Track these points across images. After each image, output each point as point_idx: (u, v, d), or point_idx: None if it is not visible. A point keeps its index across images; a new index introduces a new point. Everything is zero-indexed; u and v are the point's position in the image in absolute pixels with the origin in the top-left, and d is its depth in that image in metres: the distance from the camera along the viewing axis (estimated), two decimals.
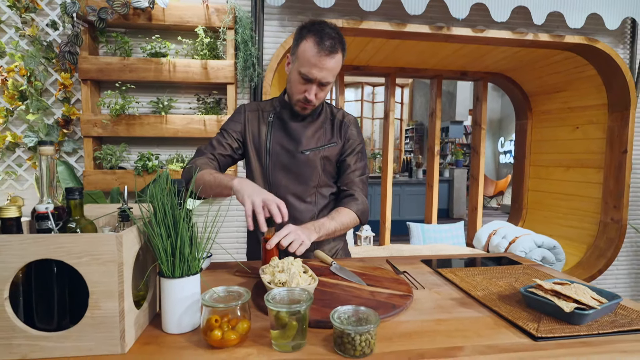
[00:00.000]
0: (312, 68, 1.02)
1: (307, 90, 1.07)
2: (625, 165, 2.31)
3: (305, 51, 1.02)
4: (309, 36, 1.02)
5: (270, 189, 1.16)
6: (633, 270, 2.51)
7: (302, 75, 1.04)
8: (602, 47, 2.23)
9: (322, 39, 1.00)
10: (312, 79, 1.04)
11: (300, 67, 1.04)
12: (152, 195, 0.69)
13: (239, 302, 0.64)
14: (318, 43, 1.00)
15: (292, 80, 1.10)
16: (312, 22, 1.05)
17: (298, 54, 1.05)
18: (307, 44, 1.02)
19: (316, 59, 1.01)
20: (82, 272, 0.60)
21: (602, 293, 0.79)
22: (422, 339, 0.67)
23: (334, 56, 1.02)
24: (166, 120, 1.93)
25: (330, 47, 1.00)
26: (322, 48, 1.00)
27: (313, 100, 1.07)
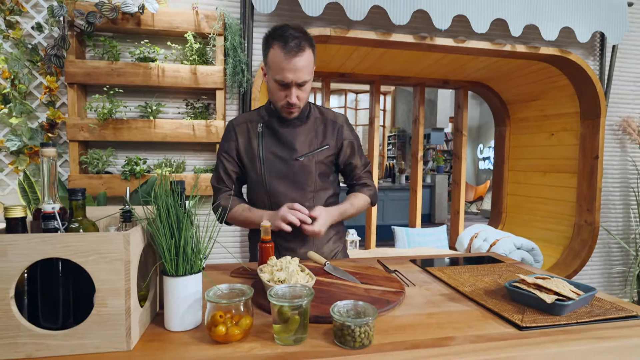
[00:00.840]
0: (284, 72, 1.05)
1: (287, 95, 1.10)
2: (597, 171, 2.44)
3: (274, 58, 1.05)
4: (274, 43, 1.06)
5: (270, 197, 1.21)
6: (605, 270, 2.64)
7: (278, 82, 1.08)
8: (574, 58, 2.36)
9: (287, 41, 1.03)
10: (287, 83, 1.07)
11: (274, 74, 1.07)
12: (157, 196, 0.71)
13: (242, 299, 0.66)
14: (283, 47, 1.03)
15: (271, 89, 1.13)
16: (275, 28, 1.08)
17: (269, 63, 1.09)
18: (274, 51, 1.06)
19: (285, 62, 1.03)
20: (89, 271, 0.61)
21: (579, 286, 0.85)
22: (416, 331, 0.71)
23: (302, 54, 1.04)
24: (154, 124, 1.93)
25: (296, 46, 1.03)
26: (288, 50, 1.03)
27: (296, 102, 1.10)
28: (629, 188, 2.60)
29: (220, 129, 1.99)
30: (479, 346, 0.65)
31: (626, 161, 2.59)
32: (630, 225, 2.63)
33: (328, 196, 1.25)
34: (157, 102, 1.98)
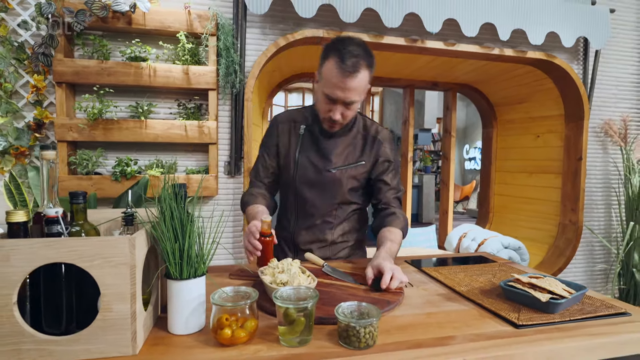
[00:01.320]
0: (334, 89, 1.01)
1: (332, 110, 1.06)
2: (581, 171, 2.51)
3: (328, 72, 1.01)
4: (332, 56, 1.01)
5: (296, 199, 1.22)
6: (588, 268, 2.72)
7: (326, 96, 1.04)
8: (560, 62, 2.43)
9: (344, 58, 0.98)
10: (335, 100, 1.03)
11: (324, 87, 1.04)
12: (160, 199, 0.71)
13: (248, 302, 0.67)
14: (339, 63, 0.99)
15: (318, 99, 1.11)
16: (336, 40, 1.04)
17: (322, 74, 1.05)
18: (329, 64, 1.01)
19: (338, 79, 0.99)
20: (94, 275, 0.61)
21: (571, 285, 0.88)
22: (417, 331, 0.73)
23: (356, 75, 1.00)
24: (146, 125, 1.90)
25: (352, 66, 0.99)
26: (344, 68, 0.98)
27: (339, 119, 1.07)
28: (611, 188, 2.69)
29: (213, 130, 1.98)
30: (478, 344, 0.67)
31: (608, 162, 2.67)
32: (612, 225, 2.72)
33: (352, 210, 1.24)
34: (148, 102, 1.96)
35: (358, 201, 1.25)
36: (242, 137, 2.05)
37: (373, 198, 1.24)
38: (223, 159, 2.07)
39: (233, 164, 2.07)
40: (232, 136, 2.06)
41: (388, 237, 1.09)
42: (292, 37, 2.03)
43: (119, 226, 0.79)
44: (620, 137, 2.53)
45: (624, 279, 2.51)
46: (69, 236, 0.67)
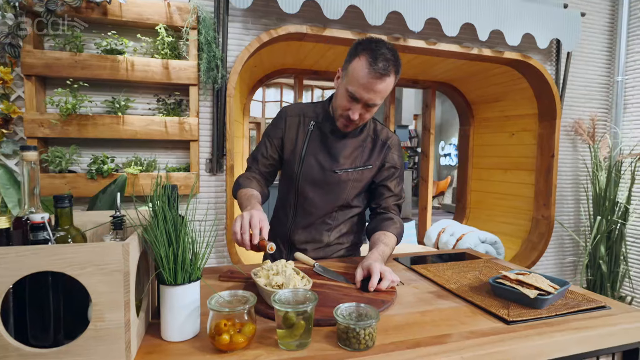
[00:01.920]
0: (360, 88, 0.99)
1: (351, 109, 1.04)
2: (553, 168, 2.62)
3: (356, 70, 0.98)
4: (363, 54, 0.98)
5: (298, 198, 1.19)
6: (559, 261, 2.86)
7: (349, 93, 1.01)
8: (534, 63, 2.51)
9: (376, 59, 0.96)
10: (358, 99, 1.01)
11: (349, 84, 1.01)
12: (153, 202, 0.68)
13: (246, 306, 0.65)
14: (371, 64, 0.96)
15: (338, 95, 1.07)
16: (370, 40, 1.02)
17: (349, 71, 1.01)
18: (359, 62, 0.98)
19: (366, 79, 0.97)
20: (85, 283, 0.58)
21: (554, 280, 0.91)
22: (414, 330, 0.74)
23: (385, 79, 0.98)
24: (123, 121, 1.83)
25: (383, 69, 0.97)
26: (375, 69, 0.96)
27: (356, 119, 1.05)
28: (580, 184, 2.82)
29: (194, 127, 1.93)
30: (474, 342, 0.69)
31: (577, 160, 2.80)
32: (581, 219, 2.85)
33: (353, 214, 1.23)
34: (125, 97, 1.88)
35: (359, 205, 1.24)
36: (224, 134, 2.01)
37: (373, 202, 1.23)
38: (204, 156, 2.03)
39: (215, 161, 2.02)
40: (213, 133, 2.01)
41: (382, 240, 1.09)
42: (276, 32, 2.00)
43: (106, 230, 0.76)
44: (588, 136, 2.66)
45: (591, 270, 2.65)
46: (56, 242, 0.63)
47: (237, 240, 0.91)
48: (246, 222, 0.91)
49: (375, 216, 1.22)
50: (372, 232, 1.17)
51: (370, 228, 1.20)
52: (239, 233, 0.90)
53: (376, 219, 1.20)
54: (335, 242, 1.22)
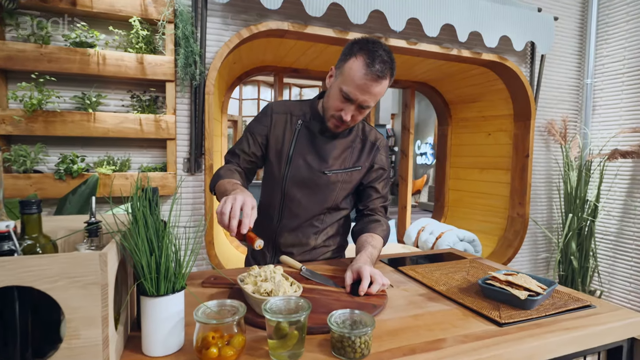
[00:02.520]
0: (356, 89, 0.96)
1: (343, 110, 1.01)
2: (527, 168, 2.69)
3: (353, 70, 0.96)
4: (360, 55, 0.96)
5: (284, 199, 1.14)
6: (532, 257, 2.95)
7: (342, 93, 0.98)
8: (510, 65, 2.57)
9: (374, 61, 0.94)
10: (352, 100, 0.98)
11: (344, 84, 0.98)
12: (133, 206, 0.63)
13: (236, 317, 0.62)
14: (368, 65, 0.94)
15: (331, 95, 1.04)
16: (366, 40, 0.99)
17: (344, 70, 0.98)
18: (356, 62, 0.96)
19: (362, 80, 0.95)
20: (57, 298, 0.52)
21: (541, 280, 0.92)
22: (408, 335, 0.72)
23: (382, 82, 0.96)
24: (94, 118, 1.73)
25: (380, 71, 0.94)
26: (372, 71, 0.94)
27: (348, 121, 1.02)
28: (552, 183, 2.92)
29: (171, 125, 1.85)
30: (469, 346, 0.68)
31: (550, 159, 2.89)
32: (553, 216, 2.95)
33: (340, 217, 1.20)
34: (97, 92, 1.78)
35: (347, 207, 1.21)
36: (203, 133, 1.94)
37: (360, 203, 1.21)
38: (182, 155, 1.95)
39: (193, 160, 1.95)
40: (191, 131, 1.94)
41: (370, 242, 1.07)
42: (256, 28, 1.95)
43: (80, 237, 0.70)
44: (560, 136, 2.75)
45: (563, 266, 2.75)
46: (24, 253, 0.57)
47: (224, 223, 0.83)
48: (237, 206, 0.83)
49: (361, 218, 1.20)
50: (359, 234, 1.15)
51: (357, 230, 1.18)
52: (227, 216, 0.83)
53: (363, 221, 1.18)
54: (322, 244, 1.19)
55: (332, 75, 1.06)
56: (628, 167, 2.69)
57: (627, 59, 2.67)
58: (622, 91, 2.72)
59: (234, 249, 2.63)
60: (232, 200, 0.84)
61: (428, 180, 9.23)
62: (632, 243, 2.66)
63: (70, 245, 0.71)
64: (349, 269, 0.95)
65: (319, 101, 1.15)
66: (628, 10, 2.65)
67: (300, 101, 1.19)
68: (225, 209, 0.83)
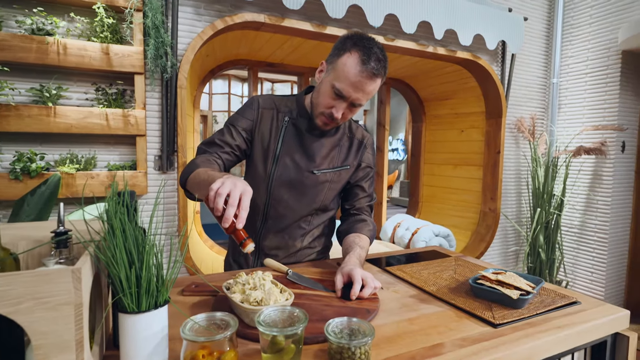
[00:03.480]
0: (349, 86, 0.93)
1: (335, 107, 0.97)
2: (499, 164, 2.77)
3: (347, 66, 0.92)
4: (355, 51, 0.93)
5: (270, 198, 1.07)
6: (503, 250, 3.05)
7: (335, 90, 0.95)
8: (483, 63, 2.62)
9: (369, 58, 0.91)
10: (345, 97, 0.95)
11: (336, 80, 0.94)
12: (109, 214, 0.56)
13: (227, 333, 0.57)
14: (363, 62, 0.91)
15: (321, 91, 0.99)
16: (361, 36, 0.95)
17: (337, 66, 0.95)
18: (350, 58, 0.92)
19: (357, 77, 0.92)
20: (22, 323, 0.45)
21: (528, 278, 0.93)
22: (405, 341, 0.70)
23: (376, 80, 0.94)
24: (55, 112, 1.59)
25: (375, 69, 0.92)
26: (367, 68, 0.91)
27: (339, 118, 0.99)
28: (521, 178, 3.02)
29: (141, 120, 1.74)
30: (469, 350, 0.67)
31: (519, 155, 2.99)
32: (522, 210, 3.06)
33: (326, 219, 1.16)
34: (57, 85, 1.64)
35: (334, 207, 1.18)
36: (175, 129, 1.84)
37: (346, 203, 1.18)
38: (153, 152, 1.84)
39: (165, 158, 1.85)
40: (163, 127, 1.83)
41: (357, 243, 1.04)
42: (232, 20, 1.87)
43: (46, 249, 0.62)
44: (529, 133, 2.84)
45: (532, 258, 2.86)
46: None
47: (217, 211, 0.71)
48: (237, 194, 0.71)
49: (347, 217, 1.17)
50: (345, 234, 1.12)
51: (343, 230, 1.15)
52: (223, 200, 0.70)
53: (349, 221, 1.15)
54: (307, 246, 1.15)
55: (322, 70, 1.02)
56: (590, 163, 2.83)
57: (590, 59, 2.80)
58: (585, 90, 2.85)
59: (207, 249, 2.54)
60: (231, 184, 0.72)
61: (399, 175, 9.38)
62: (594, 235, 2.81)
63: (35, 259, 0.63)
64: (339, 272, 0.92)
65: (306, 97, 1.10)
66: (591, 13, 2.77)
67: (285, 96, 1.14)
68: (223, 190, 0.71)
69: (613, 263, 2.79)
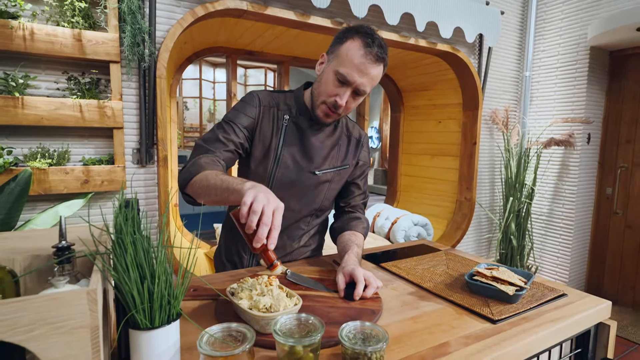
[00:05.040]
0: (354, 70, 0.92)
1: (339, 94, 0.95)
2: (475, 155, 2.86)
3: (351, 50, 0.92)
4: (357, 37, 0.93)
5: None
6: (477, 238, 3.18)
7: (338, 76, 0.94)
8: (462, 56, 2.67)
9: (373, 42, 0.92)
10: (350, 82, 0.94)
11: (340, 66, 0.93)
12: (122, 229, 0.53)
13: (247, 346, 0.56)
14: (367, 45, 0.92)
15: (323, 80, 0.98)
16: (361, 25, 0.96)
17: (340, 53, 0.94)
18: (353, 43, 0.93)
19: (361, 60, 0.92)
20: (35, 350, 0.43)
21: (518, 273, 0.97)
22: (413, 341, 0.71)
23: (379, 65, 0.94)
24: (23, 103, 1.48)
25: (378, 54, 0.93)
26: (371, 51, 0.92)
27: (342, 106, 0.97)
28: (495, 168, 3.14)
29: (118, 112, 1.65)
30: (474, 348, 0.69)
31: (493, 146, 3.10)
32: (495, 199, 3.19)
33: (322, 220, 1.15)
34: (23, 73, 1.52)
35: (329, 209, 1.18)
36: (155, 121, 1.76)
37: (341, 200, 1.18)
38: (131, 145, 1.76)
39: (144, 151, 1.77)
40: (141, 119, 1.75)
41: (354, 242, 1.05)
42: (213, 7, 1.79)
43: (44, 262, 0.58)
44: (503, 125, 2.95)
45: (504, 245, 3.00)
46: None
47: (250, 229, 0.68)
48: (270, 213, 0.68)
49: (342, 215, 1.17)
50: (340, 232, 1.13)
51: (337, 227, 1.15)
52: (255, 222, 0.67)
53: (343, 218, 1.16)
54: (304, 245, 1.15)
55: (323, 62, 1.01)
56: (559, 154, 2.97)
57: (560, 54, 2.91)
58: (555, 84, 2.97)
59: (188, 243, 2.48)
60: (264, 199, 0.69)
61: (373, 163, 9.50)
62: (560, 222, 2.97)
63: (37, 277, 0.58)
64: (340, 271, 0.92)
65: (305, 92, 1.08)
66: (563, 9, 2.87)
67: (282, 92, 1.11)
68: (257, 207, 0.67)
69: (577, 248, 2.98)
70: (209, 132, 1.02)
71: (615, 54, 2.87)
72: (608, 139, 2.98)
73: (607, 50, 2.85)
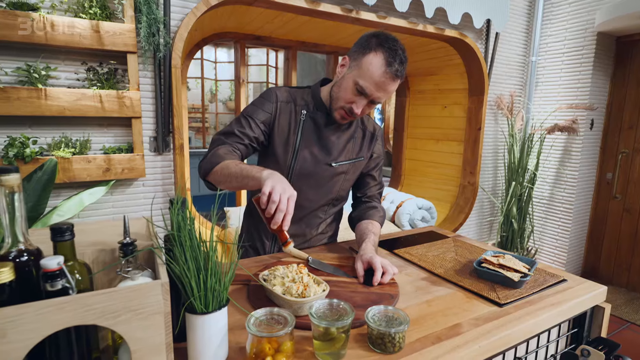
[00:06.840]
0: (372, 85, 0.97)
1: (355, 103, 1.01)
2: (479, 140, 2.91)
3: (372, 65, 0.96)
4: (380, 51, 0.96)
5: None
6: (479, 221, 3.27)
7: (357, 87, 0.99)
8: (469, 41, 2.68)
9: (394, 59, 0.96)
10: (367, 95, 0.99)
11: (360, 78, 0.98)
12: (181, 229, 0.60)
13: (289, 329, 0.64)
14: (389, 63, 0.95)
15: (342, 86, 1.03)
16: (386, 36, 0.99)
17: (362, 64, 0.98)
18: (376, 57, 0.96)
19: (381, 77, 0.96)
20: (121, 332, 0.51)
21: (522, 259, 1.06)
22: (429, 323, 0.80)
23: (397, 82, 0.99)
24: (45, 94, 1.53)
25: (398, 71, 0.97)
26: (391, 70, 0.96)
27: (358, 114, 1.03)
28: (498, 153, 3.20)
29: (136, 102, 1.70)
30: (484, 329, 0.78)
31: (497, 131, 3.15)
32: (498, 183, 3.27)
33: (338, 209, 1.22)
34: (44, 64, 1.56)
35: (344, 199, 1.25)
36: (171, 110, 1.81)
37: (358, 191, 1.25)
38: (148, 134, 1.82)
39: (161, 139, 1.83)
40: (157, 108, 1.80)
41: (371, 230, 1.12)
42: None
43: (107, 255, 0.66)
44: (508, 110, 2.98)
45: (505, 227, 3.10)
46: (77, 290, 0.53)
47: (269, 214, 0.85)
48: (285, 200, 0.84)
49: (359, 204, 1.25)
50: (358, 221, 1.20)
51: (355, 216, 1.23)
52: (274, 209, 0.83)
53: (360, 208, 1.23)
54: (321, 232, 1.23)
55: (344, 65, 1.05)
56: (562, 139, 3.02)
57: (567, 39, 2.92)
58: (561, 69, 2.99)
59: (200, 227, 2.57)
60: (281, 189, 0.84)
61: None
62: (561, 206, 3.06)
63: (101, 264, 0.66)
64: (359, 259, 1.00)
65: (322, 89, 1.13)
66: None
67: (300, 88, 1.16)
68: (275, 197, 0.83)
69: (576, 231, 3.07)
70: (228, 125, 1.11)
71: (621, 40, 2.88)
72: (611, 125, 3.03)
73: (613, 36, 2.85)
